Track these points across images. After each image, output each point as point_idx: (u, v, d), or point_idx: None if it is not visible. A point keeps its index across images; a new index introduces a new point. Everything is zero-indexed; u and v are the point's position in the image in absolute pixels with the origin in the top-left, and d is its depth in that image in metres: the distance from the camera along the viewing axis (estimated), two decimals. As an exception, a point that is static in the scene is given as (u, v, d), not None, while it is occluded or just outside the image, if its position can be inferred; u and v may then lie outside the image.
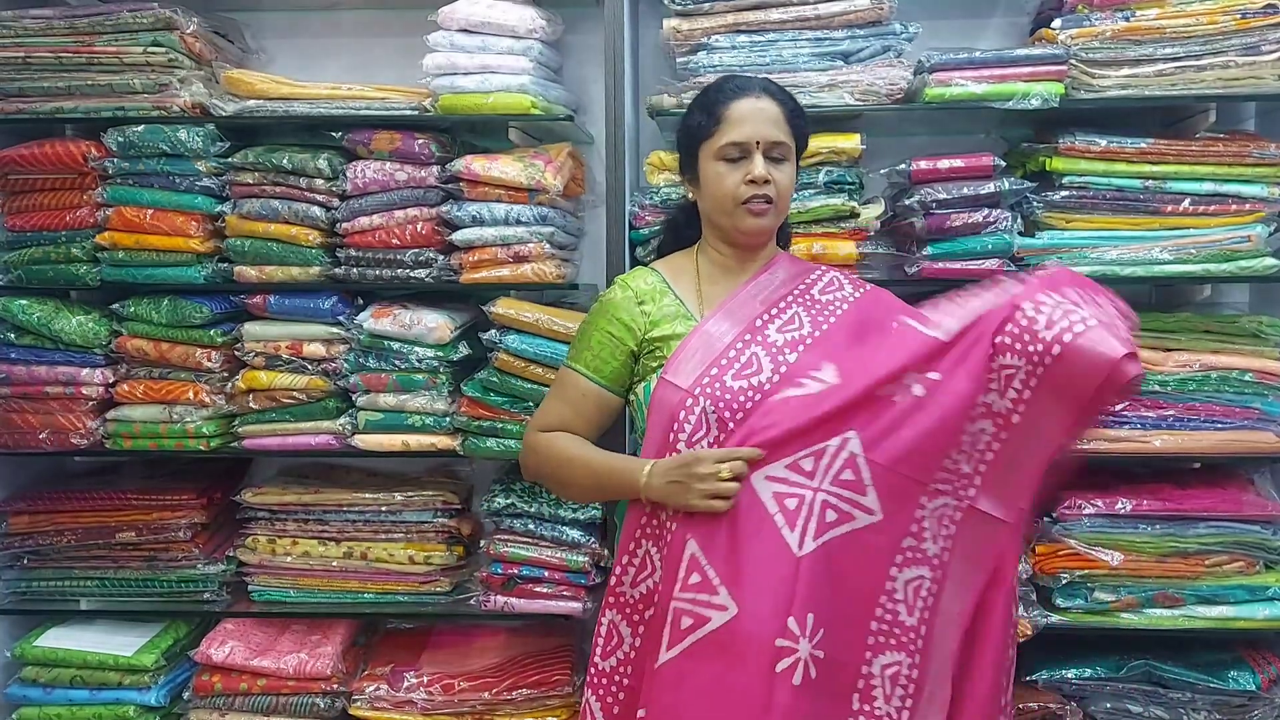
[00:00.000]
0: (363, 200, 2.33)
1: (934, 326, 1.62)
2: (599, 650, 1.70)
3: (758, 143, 1.69)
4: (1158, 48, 2.17)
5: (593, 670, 1.71)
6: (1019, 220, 2.27)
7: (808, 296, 1.76)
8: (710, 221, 1.80)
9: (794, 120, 1.74)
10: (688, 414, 1.64)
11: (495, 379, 2.30)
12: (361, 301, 2.42)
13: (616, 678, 1.68)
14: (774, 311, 1.73)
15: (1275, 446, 2.26)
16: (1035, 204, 2.25)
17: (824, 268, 1.86)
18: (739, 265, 1.80)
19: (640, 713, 1.59)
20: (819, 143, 2.24)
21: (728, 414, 1.63)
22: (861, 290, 1.82)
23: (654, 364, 1.73)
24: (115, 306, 2.41)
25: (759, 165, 1.69)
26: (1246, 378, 2.26)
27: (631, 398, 1.79)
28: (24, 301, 2.40)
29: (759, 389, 1.64)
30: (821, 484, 1.56)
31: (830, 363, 1.64)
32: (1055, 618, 2.27)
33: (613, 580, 1.69)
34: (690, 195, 1.83)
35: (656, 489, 1.62)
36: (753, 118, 1.70)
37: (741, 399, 1.63)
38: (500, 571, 2.34)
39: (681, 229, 1.90)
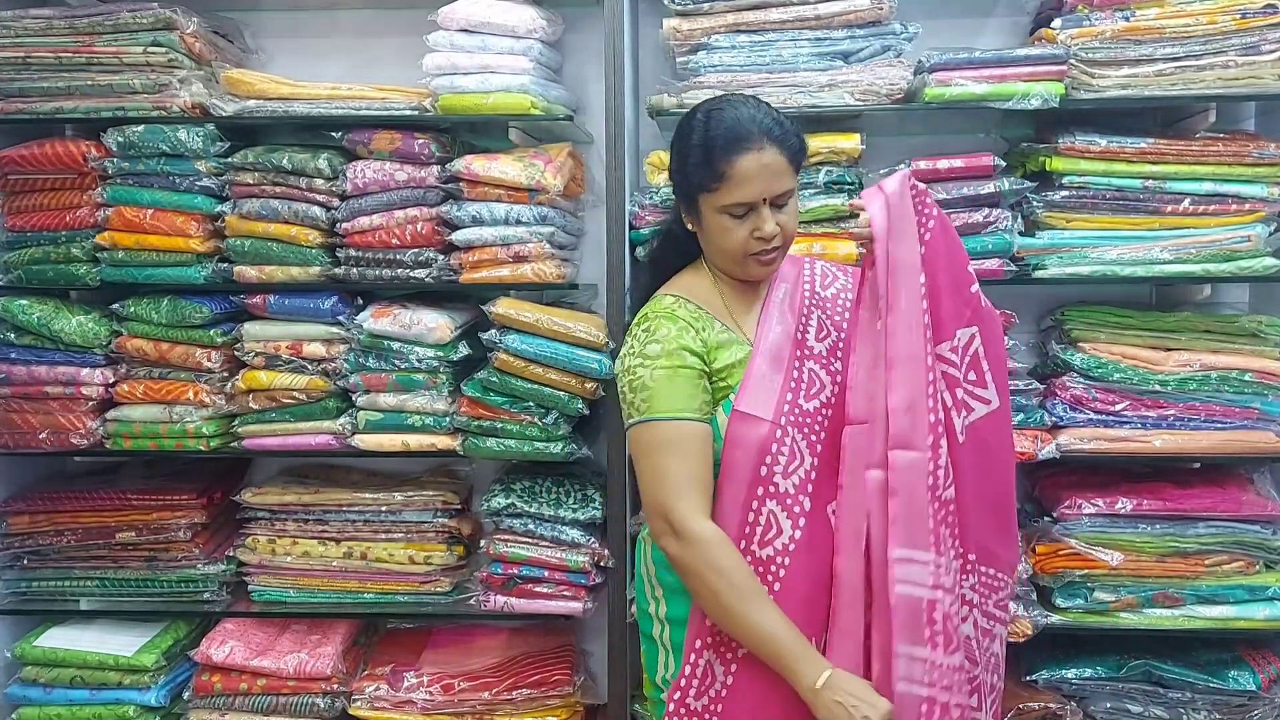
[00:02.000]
0: (363, 200, 2.33)
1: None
2: (693, 690, 1.65)
3: (765, 199, 1.62)
4: (1157, 48, 2.17)
5: (683, 710, 1.65)
6: (1019, 220, 2.27)
7: (817, 297, 1.76)
8: (714, 260, 1.75)
9: (796, 159, 1.67)
10: (779, 446, 1.60)
11: (495, 379, 2.29)
12: (361, 301, 2.42)
13: (706, 715, 1.65)
14: (803, 321, 1.71)
15: (1275, 446, 2.26)
16: (1035, 204, 2.25)
17: (808, 260, 1.84)
18: (749, 283, 1.76)
19: None
20: (819, 143, 2.24)
21: (814, 438, 1.63)
22: (845, 273, 1.83)
23: (720, 395, 1.67)
24: (115, 306, 2.41)
25: (769, 224, 1.62)
26: (1246, 378, 2.26)
27: None
28: (24, 301, 2.40)
29: (827, 404, 1.65)
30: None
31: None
32: (1055, 618, 2.27)
33: (708, 622, 1.63)
34: (690, 226, 1.75)
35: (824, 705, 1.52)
36: (758, 176, 1.60)
37: (819, 420, 1.64)
38: (500, 571, 2.34)
39: (681, 242, 1.81)
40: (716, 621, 1.61)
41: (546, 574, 2.34)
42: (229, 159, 2.36)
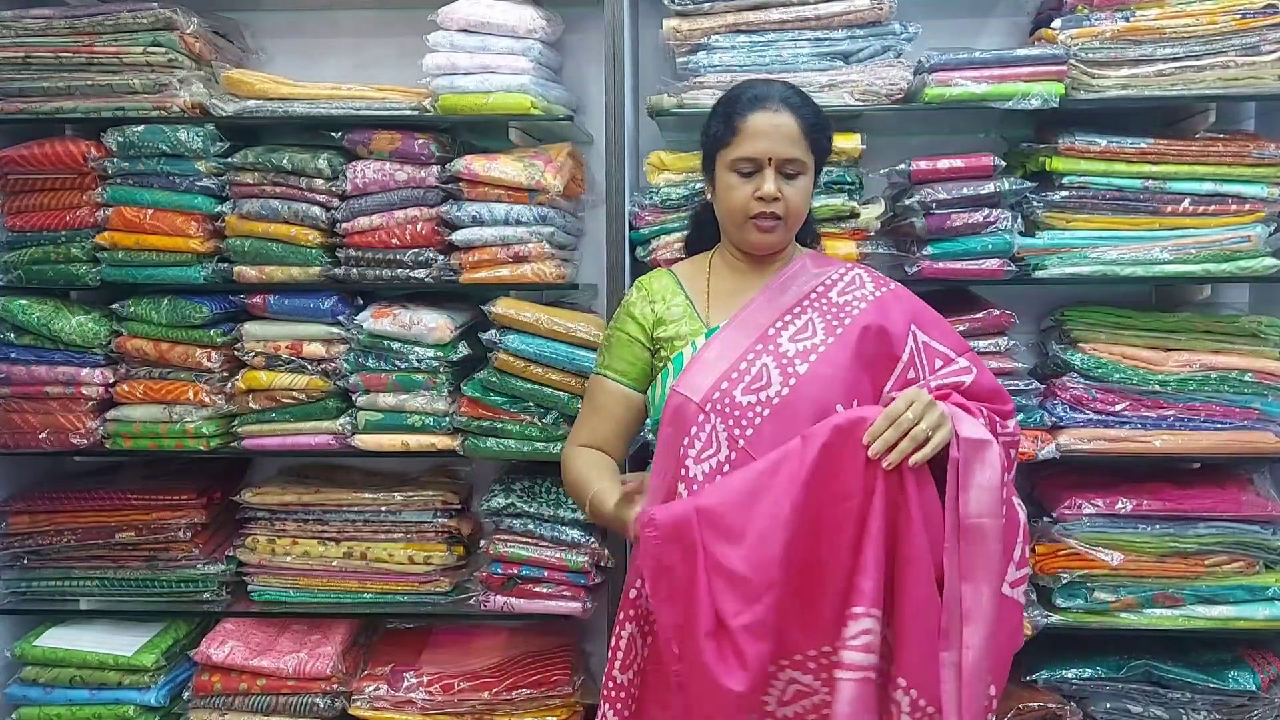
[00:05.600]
0: (363, 200, 2.33)
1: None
2: (617, 663, 1.64)
3: (770, 159, 1.67)
4: (1157, 48, 2.17)
5: (610, 684, 1.65)
6: (1019, 220, 2.27)
7: (825, 300, 1.71)
8: (723, 226, 1.80)
9: (812, 134, 1.70)
10: (699, 430, 1.60)
11: (495, 379, 2.30)
12: (361, 301, 2.42)
13: (631, 689, 1.65)
14: (788, 318, 1.69)
15: (1275, 446, 2.26)
16: (1035, 204, 2.25)
17: (848, 266, 1.80)
18: (753, 267, 1.77)
19: None
20: (819, 143, 2.24)
21: (737, 431, 1.60)
22: (884, 289, 1.75)
23: (660, 364, 1.73)
24: (115, 306, 2.41)
25: (769, 183, 1.66)
26: (1246, 378, 2.26)
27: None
28: (24, 301, 2.40)
29: (767, 404, 1.60)
30: None
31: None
32: (1055, 618, 2.28)
33: (632, 593, 1.64)
34: (709, 196, 1.82)
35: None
36: (768, 134, 1.66)
37: (750, 415, 1.60)
38: (500, 571, 2.34)
39: (705, 226, 1.89)
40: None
41: (546, 574, 2.34)
42: (229, 159, 2.36)
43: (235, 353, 2.40)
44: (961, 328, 2.25)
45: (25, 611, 2.52)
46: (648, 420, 1.82)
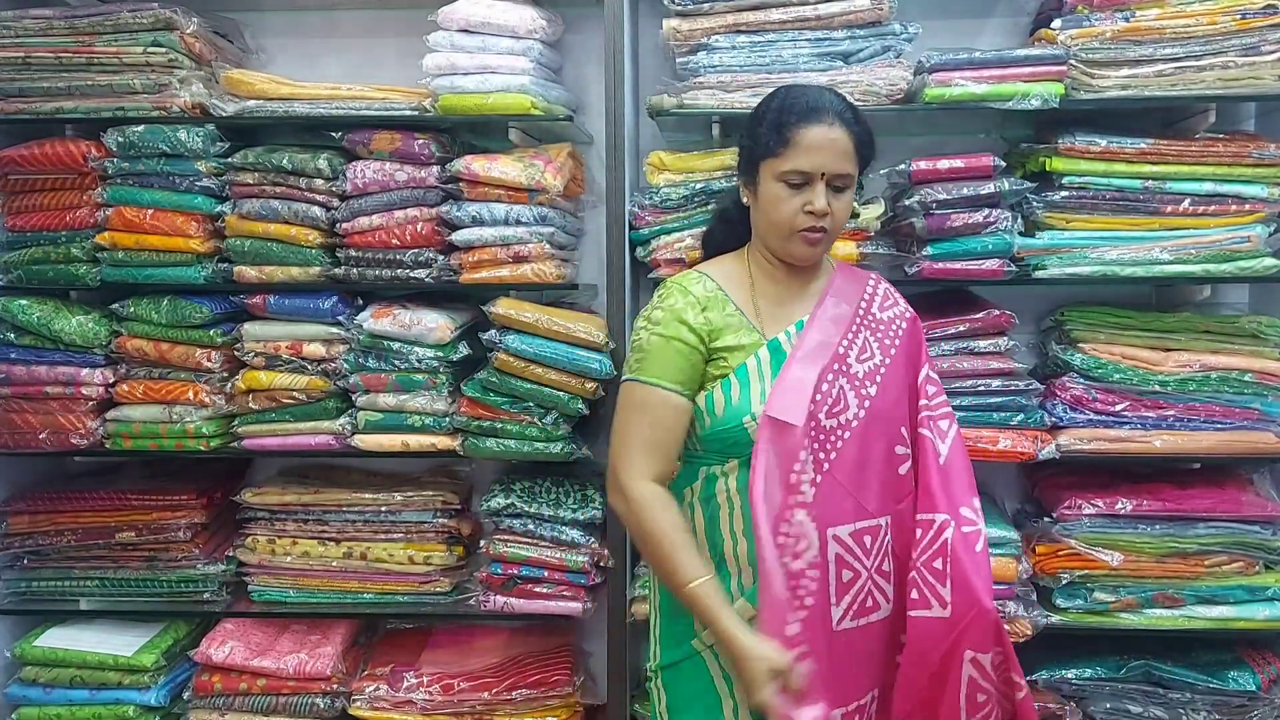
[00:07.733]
0: (363, 200, 2.33)
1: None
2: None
3: (823, 174, 1.64)
4: (1158, 48, 2.17)
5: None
6: (1019, 220, 2.27)
7: (870, 316, 1.75)
8: (762, 234, 1.76)
9: (863, 150, 1.69)
10: (803, 451, 1.60)
11: (495, 379, 2.30)
12: (361, 301, 2.42)
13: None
14: (850, 338, 1.71)
15: (1275, 447, 2.26)
16: (1035, 204, 2.25)
17: (871, 276, 1.83)
18: (791, 275, 1.76)
19: None
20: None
21: (822, 455, 1.62)
22: (908, 308, 1.82)
23: (717, 372, 1.68)
24: (115, 306, 2.41)
25: (820, 198, 1.63)
26: (1246, 378, 2.26)
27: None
28: (24, 301, 2.40)
29: (846, 426, 1.64)
30: (870, 565, 1.67)
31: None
32: (1055, 618, 2.28)
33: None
34: (745, 199, 1.76)
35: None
36: (823, 148, 1.63)
37: (834, 439, 1.64)
38: (500, 571, 2.34)
39: (734, 225, 1.82)
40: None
41: (546, 574, 2.34)
42: (229, 159, 2.36)
43: (235, 353, 2.40)
44: (962, 328, 2.26)
45: (25, 611, 2.52)
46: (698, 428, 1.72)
